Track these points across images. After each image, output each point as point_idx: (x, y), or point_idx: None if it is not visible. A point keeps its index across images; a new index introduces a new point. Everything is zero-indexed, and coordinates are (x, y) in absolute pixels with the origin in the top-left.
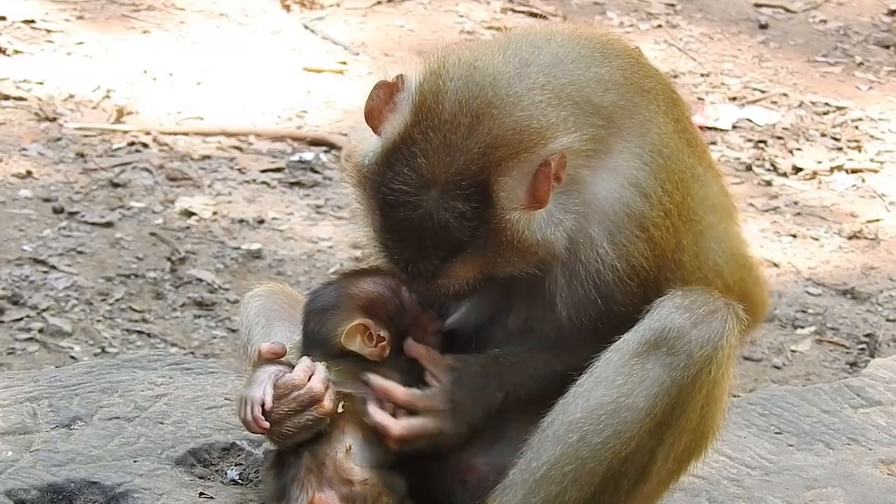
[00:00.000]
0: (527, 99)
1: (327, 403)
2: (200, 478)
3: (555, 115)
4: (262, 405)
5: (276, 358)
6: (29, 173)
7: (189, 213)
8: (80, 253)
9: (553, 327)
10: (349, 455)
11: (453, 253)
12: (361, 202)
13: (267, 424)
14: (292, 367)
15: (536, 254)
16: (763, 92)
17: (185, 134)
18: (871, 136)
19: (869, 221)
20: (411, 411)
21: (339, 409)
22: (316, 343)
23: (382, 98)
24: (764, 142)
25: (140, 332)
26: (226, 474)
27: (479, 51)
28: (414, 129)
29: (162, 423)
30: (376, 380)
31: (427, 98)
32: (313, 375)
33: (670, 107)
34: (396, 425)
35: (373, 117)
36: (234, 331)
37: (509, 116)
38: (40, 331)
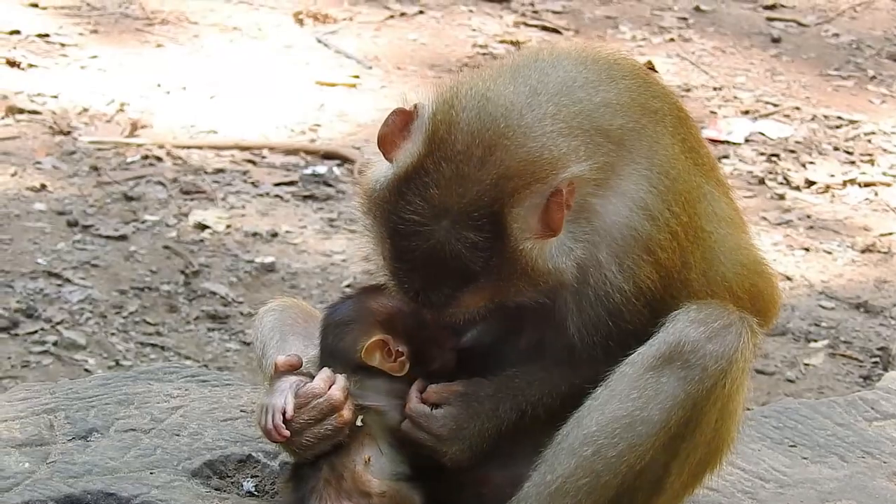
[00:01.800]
0: (538, 129)
1: (346, 413)
2: (216, 490)
3: (566, 144)
4: (283, 413)
5: (292, 370)
6: (43, 186)
7: (203, 227)
8: (94, 266)
9: (564, 346)
10: (368, 467)
11: (465, 283)
12: (371, 229)
13: (288, 433)
14: (312, 377)
15: (547, 282)
16: (776, 105)
17: (199, 147)
18: (884, 150)
19: (882, 235)
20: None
21: (359, 423)
22: (334, 356)
23: (398, 125)
24: (777, 155)
25: (154, 346)
26: (242, 486)
27: (490, 80)
28: (427, 159)
29: (178, 434)
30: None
31: (440, 128)
32: (333, 385)
33: (677, 126)
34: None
35: (385, 143)
36: (247, 344)
37: (521, 147)
38: (55, 344)
